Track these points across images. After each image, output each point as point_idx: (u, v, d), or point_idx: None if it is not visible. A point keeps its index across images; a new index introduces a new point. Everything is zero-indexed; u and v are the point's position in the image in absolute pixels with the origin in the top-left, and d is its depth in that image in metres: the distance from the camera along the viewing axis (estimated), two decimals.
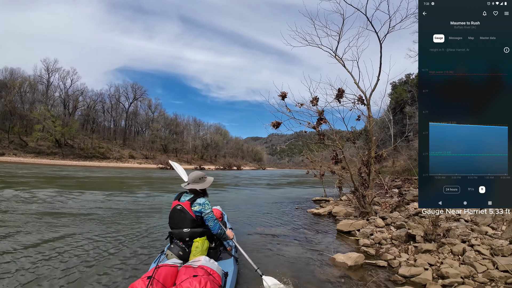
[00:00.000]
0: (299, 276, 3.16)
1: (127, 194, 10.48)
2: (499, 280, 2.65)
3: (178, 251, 2.57)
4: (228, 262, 2.77)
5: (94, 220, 5.62)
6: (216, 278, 2.08)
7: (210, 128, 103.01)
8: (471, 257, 3.17)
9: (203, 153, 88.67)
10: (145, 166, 55.46)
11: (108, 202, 8.25)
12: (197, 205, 2.73)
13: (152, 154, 66.63)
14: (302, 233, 5.30)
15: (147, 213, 6.76)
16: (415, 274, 3.04)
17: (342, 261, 3.57)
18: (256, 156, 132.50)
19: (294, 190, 16.15)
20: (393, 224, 5.05)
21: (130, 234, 4.74)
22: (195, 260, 2.30)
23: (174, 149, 76.55)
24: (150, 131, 74.31)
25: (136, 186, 14.86)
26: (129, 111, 74.63)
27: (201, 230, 2.70)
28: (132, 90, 75.47)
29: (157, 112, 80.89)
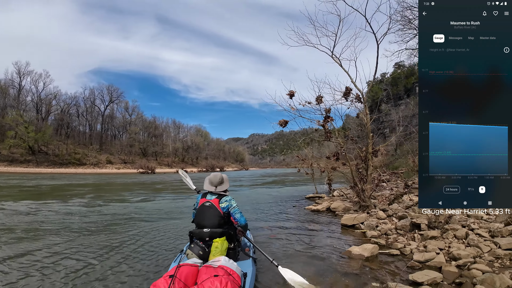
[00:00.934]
0: (320, 272, 3.28)
1: (123, 201, 10.20)
2: (504, 257, 2.98)
3: (198, 251, 2.63)
4: (247, 262, 2.82)
5: (99, 230, 5.48)
6: (235, 278, 2.12)
7: (190, 129, 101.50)
8: (474, 240, 3.51)
9: (184, 155, 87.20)
10: (124, 171, 53.49)
11: (106, 209, 8.01)
12: (224, 202, 2.94)
13: (131, 158, 64.40)
14: (308, 229, 5.48)
15: (147, 218, 6.66)
16: (430, 259, 3.31)
17: (359, 253, 3.78)
18: (238, 157, 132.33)
19: (283, 189, 16.43)
20: (394, 215, 5.38)
21: (144, 238, 4.70)
22: (215, 260, 2.35)
23: (154, 153, 74.61)
24: (127, 135, 71.67)
25: (127, 191, 14.43)
26: (105, 114, 71.53)
27: (221, 230, 2.78)
28: (108, 93, 72.56)
29: (134, 114, 78.33)
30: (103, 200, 10.70)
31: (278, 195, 12.31)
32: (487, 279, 2.44)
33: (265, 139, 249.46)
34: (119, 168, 57.80)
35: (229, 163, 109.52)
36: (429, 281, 2.72)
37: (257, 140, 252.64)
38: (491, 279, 2.42)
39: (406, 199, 6.30)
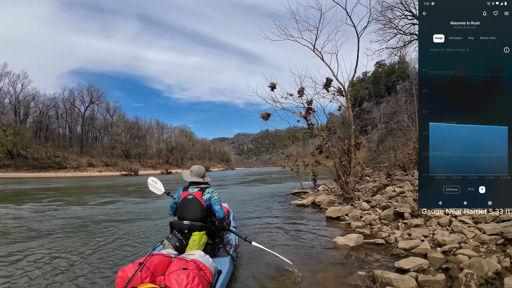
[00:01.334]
0: (307, 262, 3.19)
1: (115, 203, 9.70)
2: (489, 242, 2.94)
3: (175, 242, 2.58)
4: (224, 260, 2.75)
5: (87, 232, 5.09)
6: (207, 274, 2.07)
7: (174, 130, 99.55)
8: (458, 226, 3.48)
9: (168, 156, 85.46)
10: (106, 174, 51.50)
11: (93, 211, 7.55)
12: (207, 194, 2.88)
13: (113, 160, 62.05)
14: (293, 223, 5.36)
15: (126, 219, 6.31)
16: (414, 246, 3.24)
17: (344, 243, 3.69)
18: (224, 157, 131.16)
19: (269, 186, 16.31)
20: (378, 205, 5.34)
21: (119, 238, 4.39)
22: (190, 253, 2.31)
23: (137, 154, 72.43)
24: (109, 136, 69.07)
25: (116, 194, 13.82)
26: (86, 116, 68.60)
27: (200, 224, 2.72)
28: (88, 93, 69.42)
29: (116, 115, 75.53)
30: (68, 203, 10.15)
31: (264, 192, 12.18)
32: (474, 263, 2.37)
33: (251, 138, 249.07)
34: (101, 171, 55.57)
35: (215, 163, 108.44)
36: (415, 268, 2.63)
37: (242, 139, 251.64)
38: (478, 263, 2.34)
39: (389, 190, 6.29)
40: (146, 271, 1.94)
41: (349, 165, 6.40)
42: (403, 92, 40.99)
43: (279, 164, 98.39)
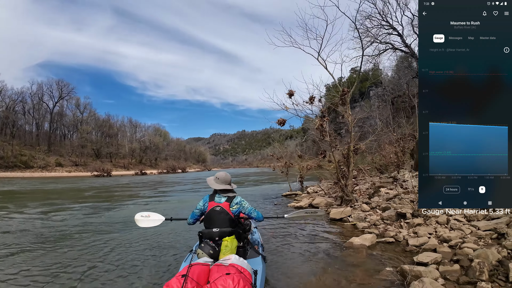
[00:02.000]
0: (332, 262, 3.54)
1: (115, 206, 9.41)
2: (485, 237, 3.54)
3: (209, 250, 2.62)
4: (257, 260, 2.86)
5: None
6: (247, 276, 2.15)
7: (148, 129, 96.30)
8: (456, 224, 4.09)
9: (141, 156, 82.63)
10: (76, 174, 48.62)
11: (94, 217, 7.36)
12: (235, 205, 2.91)
13: (82, 160, 58.61)
14: (299, 225, 5.68)
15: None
16: (424, 243, 3.78)
17: (360, 243, 4.13)
18: (200, 157, 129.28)
19: (257, 188, 16.63)
20: (378, 207, 5.92)
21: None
22: (226, 258, 2.37)
23: (108, 154, 69.19)
24: (79, 134, 65.14)
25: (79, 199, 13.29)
26: (54, 112, 64.16)
27: (230, 229, 2.80)
28: (58, 88, 64.77)
29: (86, 112, 71.28)
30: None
31: (255, 194, 12.48)
32: (481, 254, 2.91)
33: (227, 139, 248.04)
34: (70, 171, 52.35)
35: (191, 164, 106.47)
36: (432, 261, 3.13)
37: (218, 140, 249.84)
38: (485, 254, 2.88)
39: (384, 192, 6.94)
40: (191, 282, 1.99)
41: (348, 169, 6.95)
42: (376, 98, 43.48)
43: (255, 165, 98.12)
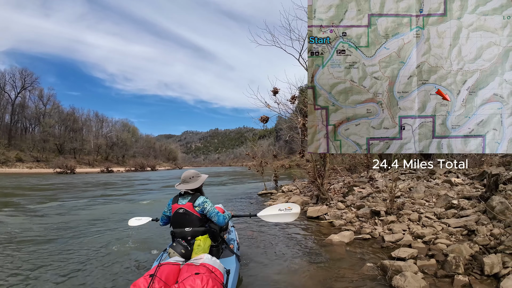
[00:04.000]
0: (313, 259, 3.53)
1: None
2: (456, 233, 3.72)
3: (180, 250, 2.58)
4: (230, 259, 2.82)
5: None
6: (218, 275, 2.13)
7: (115, 124, 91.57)
8: (428, 221, 4.27)
9: (108, 153, 78.40)
10: (37, 171, 44.76)
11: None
12: (197, 206, 2.75)
13: (44, 156, 54.20)
14: (277, 224, 5.63)
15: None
16: (399, 239, 3.89)
17: (339, 240, 4.16)
18: (170, 155, 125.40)
19: (232, 186, 16.45)
20: (353, 205, 6.05)
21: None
22: (197, 258, 2.33)
23: (72, 150, 64.50)
24: (41, 128, 60.15)
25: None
26: (16, 103, 58.67)
27: (203, 229, 2.74)
28: (21, 77, 59.35)
29: (50, 104, 65.87)
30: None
31: (231, 193, 12.31)
32: (455, 249, 3.03)
33: (199, 136, 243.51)
34: (31, 167, 48.06)
35: (161, 162, 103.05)
36: (409, 256, 3.21)
37: (190, 137, 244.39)
38: (458, 249, 3.01)
39: (356, 191, 7.13)
40: (159, 282, 1.96)
41: (324, 169, 7.05)
42: None
43: (227, 164, 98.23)
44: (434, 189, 6.14)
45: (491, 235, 3.41)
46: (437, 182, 6.99)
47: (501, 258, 2.76)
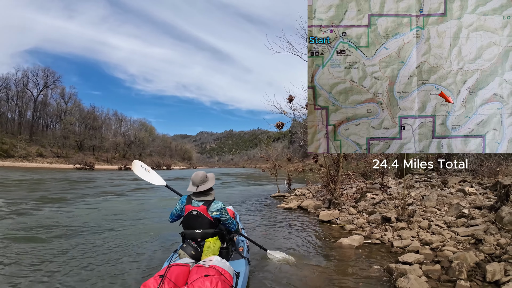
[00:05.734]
0: (324, 263, 3.71)
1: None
2: (464, 242, 3.85)
3: (190, 251, 2.60)
4: (240, 262, 2.83)
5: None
6: (227, 278, 2.13)
7: (134, 123, 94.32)
8: (437, 229, 4.40)
9: (125, 151, 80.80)
10: (57, 166, 46.99)
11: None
12: (215, 211, 2.76)
13: (64, 152, 56.68)
14: (290, 226, 5.90)
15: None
16: (407, 245, 4.04)
17: (348, 243, 4.36)
18: (185, 155, 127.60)
19: (246, 188, 16.77)
20: (364, 211, 6.20)
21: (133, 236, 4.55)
22: (207, 259, 2.34)
23: (91, 147, 67.28)
24: (62, 125, 63.09)
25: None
26: (38, 100, 61.90)
27: (213, 231, 2.75)
28: (43, 76, 62.66)
29: (71, 102, 69.01)
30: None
31: (244, 195, 12.62)
32: (460, 256, 3.18)
33: (214, 137, 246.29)
34: (51, 162, 50.47)
35: (176, 161, 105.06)
36: (415, 261, 3.38)
37: (205, 138, 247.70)
38: (463, 256, 3.16)
39: (369, 197, 7.25)
40: (168, 283, 1.97)
41: (337, 174, 7.23)
42: None
43: (241, 165, 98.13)
44: (447, 198, 6.19)
45: (497, 245, 3.53)
46: (451, 191, 7.01)
47: (503, 267, 2.90)
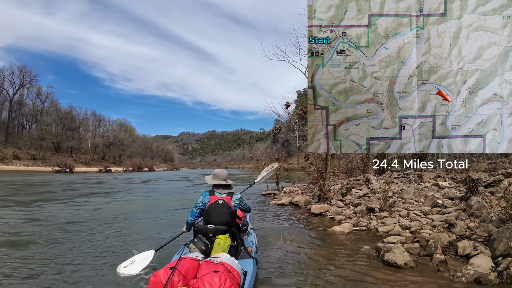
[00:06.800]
0: (322, 245, 4.26)
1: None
2: (438, 226, 4.47)
3: (201, 246, 2.66)
4: (248, 262, 2.84)
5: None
6: (235, 276, 2.15)
7: (113, 124, 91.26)
8: (415, 217, 5.03)
9: (105, 152, 78.19)
10: (35, 169, 44.71)
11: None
12: (236, 200, 3.03)
13: (41, 154, 54.24)
14: (286, 219, 6.39)
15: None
16: (390, 230, 4.64)
17: (340, 230, 4.90)
18: (167, 156, 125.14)
19: (234, 188, 16.97)
20: (351, 204, 6.80)
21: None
22: (217, 256, 2.39)
23: (69, 148, 64.57)
24: (38, 126, 60.20)
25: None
26: (14, 100, 58.55)
27: (225, 228, 2.86)
28: (20, 74, 59.13)
29: (48, 102, 65.80)
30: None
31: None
32: (435, 236, 3.78)
33: (196, 138, 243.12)
34: (28, 165, 48.04)
35: (157, 163, 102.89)
36: (398, 241, 3.95)
37: (187, 138, 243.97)
38: (438, 236, 3.76)
39: (354, 192, 7.88)
40: (178, 275, 2.03)
41: (325, 171, 7.80)
42: None
43: (224, 166, 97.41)
44: (423, 191, 6.92)
45: (467, 228, 4.16)
46: (427, 185, 7.78)
47: (472, 244, 3.51)
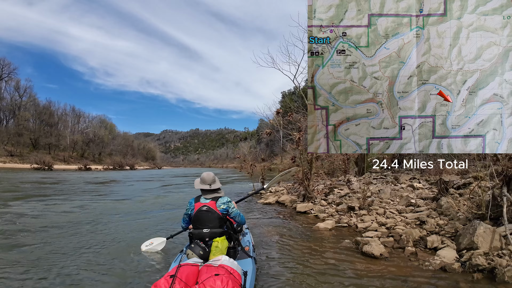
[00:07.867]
0: (307, 240, 4.62)
1: None
2: (411, 223, 4.97)
3: (198, 251, 2.64)
4: (247, 261, 2.84)
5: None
6: (236, 277, 2.15)
7: (93, 120, 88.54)
8: (391, 214, 5.53)
9: (84, 150, 75.73)
10: (12, 166, 42.54)
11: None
12: (222, 204, 2.92)
13: (18, 150, 51.81)
14: (273, 217, 6.72)
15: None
16: (368, 226, 5.10)
17: (324, 227, 5.32)
18: (149, 154, 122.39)
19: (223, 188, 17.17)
20: (333, 202, 7.26)
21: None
22: (216, 259, 2.37)
23: (47, 145, 62.05)
24: (16, 121, 57.50)
25: None
26: None
27: (220, 230, 2.84)
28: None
29: (26, 96, 62.98)
30: None
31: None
32: (408, 232, 4.25)
33: (179, 136, 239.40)
34: (5, 161, 45.63)
35: (139, 161, 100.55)
36: (375, 236, 4.40)
37: (170, 137, 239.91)
38: (410, 232, 4.23)
39: (336, 191, 8.38)
40: (179, 283, 2.00)
41: (310, 172, 8.24)
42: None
43: (207, 165, 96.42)
44: (398, 192, 7.51)
45: (437, 225, 4.67)
46: (402, 186, 8.41)
47: (440, 238, 3.99)
